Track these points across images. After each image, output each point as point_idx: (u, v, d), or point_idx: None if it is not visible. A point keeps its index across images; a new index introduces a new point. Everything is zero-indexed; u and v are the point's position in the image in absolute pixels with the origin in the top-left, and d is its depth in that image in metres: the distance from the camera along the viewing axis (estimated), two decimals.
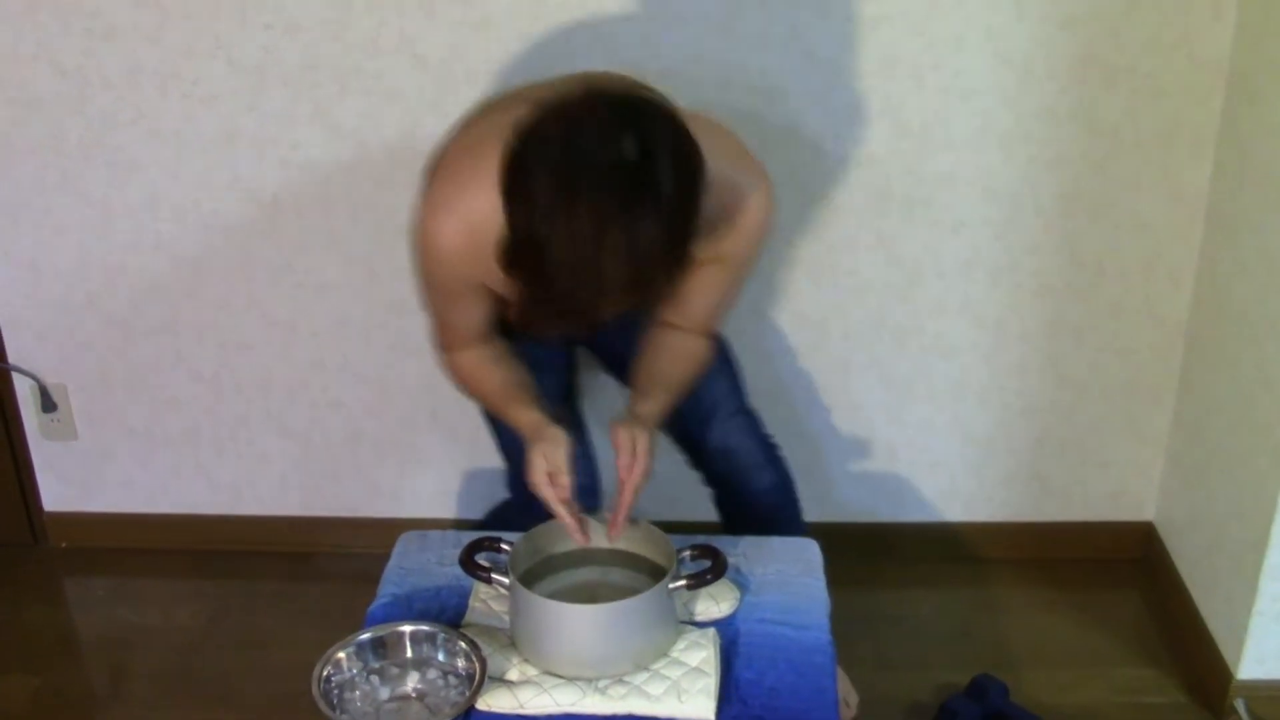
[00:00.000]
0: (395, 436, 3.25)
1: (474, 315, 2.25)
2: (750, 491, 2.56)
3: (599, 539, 2.22)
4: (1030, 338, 3.09)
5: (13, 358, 3.22)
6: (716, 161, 1.92)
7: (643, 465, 2.17)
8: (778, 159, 2.88)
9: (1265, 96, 2.62)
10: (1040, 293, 3.03)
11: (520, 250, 1.83)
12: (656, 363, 2.33)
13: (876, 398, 3.17)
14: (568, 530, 2.18)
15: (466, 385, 2.38)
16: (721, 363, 2.55)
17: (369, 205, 2.99)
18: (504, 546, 2.19)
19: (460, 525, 2.79)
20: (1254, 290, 2.68)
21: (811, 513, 2.83)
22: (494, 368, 2.31)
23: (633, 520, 2.21)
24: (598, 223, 1.75)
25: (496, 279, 1.98)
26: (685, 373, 2.36)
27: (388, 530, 2.57)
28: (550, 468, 2.15)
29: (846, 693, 2.81)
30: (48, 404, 3.26)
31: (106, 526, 3.43)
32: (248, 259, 3.07)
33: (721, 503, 2.69)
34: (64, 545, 3.48)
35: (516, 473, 2.44)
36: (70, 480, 3.39)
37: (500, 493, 2.68)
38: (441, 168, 2.17)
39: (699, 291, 2.26)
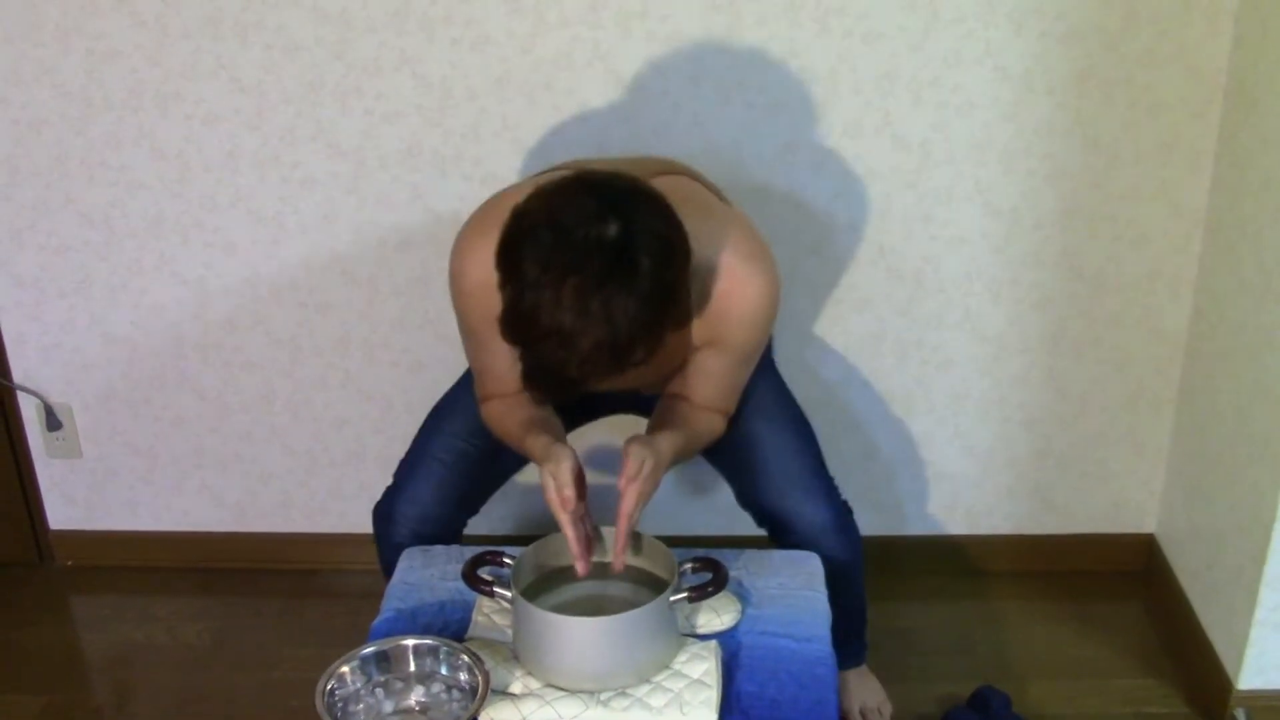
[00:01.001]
0: (399, 454, 3.23)
1: (503, 356, 2.27)
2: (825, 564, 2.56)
3: (600, 559, 2.23)
4: (1030, 351, 3.09)
5: (18, 377, 3.24)
6: (719, 248, 2.14)
7: (640, 488, 2.17)
8: (776, 175, 2.91)
9: (1263, 109, 2.63)
10: (1040, 306, 3.04)
11: (511, 320, 1.97)
12: (674, 417, 2.37)
13: (877, 412, 3.18)
14: (572, 555, 2.17)
15: (496, 427, 2.42)
16: (800, 428, 2.60)
17: (372, 223, 3.01)
18: (506, 560, 2.20)
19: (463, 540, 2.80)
20: (1253, 301, 2.69)
21: None
22: (519, 408, 2.35)
23: (635, 534, 2.22)
24: (577, 297, 1.90)
25: None
26: (698, 435, 2.40)
27: None
28: (557, 481, 2.16)
29: (881, 703, 2.85)
30: (53, 423, 3.27)
31: (112, 545, 3.43)
32: (251, 277, 3.09)
33: None
34: (69, 563, 3.48)
35: (444, 419, 2.59)
36: (75, 499, 3.40)
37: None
38: (481, 208, 2.33)
39: (703, 374, 2.35)
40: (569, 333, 1.91)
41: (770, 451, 2.55)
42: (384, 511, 2.57)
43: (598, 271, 1.90)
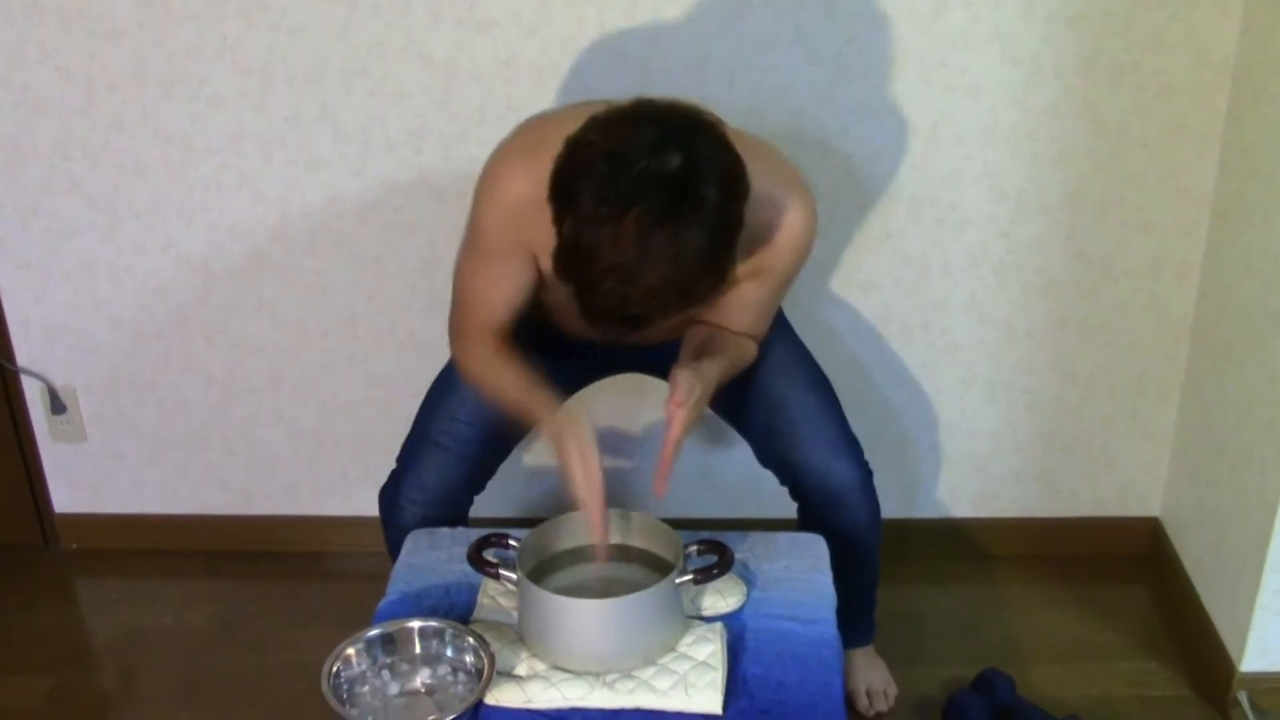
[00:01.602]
0: (405, 437, 3.25)
1: (506, 289, 2.28)
2: (840, 532, 2.55)
3: (616, 537, 2.24)
4: (1036, 335, 3.09)
5: (22, 360, 3.24)
6: (759, 178, 2.01)
7: (688, 414, 2.15)
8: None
9: (1271, 94, 2.63)
10: (1046, 290, 3.04)
11: (568, 256, 1.91)
12: (713, 344, 2.34)
13: (883, 395, 3.18)
14: (592, 526, 2.15)
15: (480, 379, 2.39)
16: (820, 390, 2.60)
17: (377, 205, 3.00)
18: (512, 543, 2.19)
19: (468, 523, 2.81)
20: (1259, 287, 2.68)
21: None
22: (510, 361, 2.32)
23: (640, 515, 2.22)
24: (641, 231, 1.84)
25: (544, 252, 2.04)
26: (736, 361, 2.38)
27: None
28: (580, 449, 2.13)
29: (886, 685, 2.86)
30: (57, 406, 3.27)
31: (117, 528, 3.44)
32: (256, 260, 3.08)
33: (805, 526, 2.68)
34: (75, 547, 3.49)
35: (444, 399, 2.56)
36: (80, 482, 3.40)
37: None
38: (521, 127, 2.25)
39: (739, 305, 2.33)
40: (632, 269, 1.85)
41: (798, 410, 2.54)
42: (389, 496, 2.58)
43: (660, 204, 1.84)
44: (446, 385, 2.59)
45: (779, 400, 2.54)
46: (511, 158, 2.19)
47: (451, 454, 2.54)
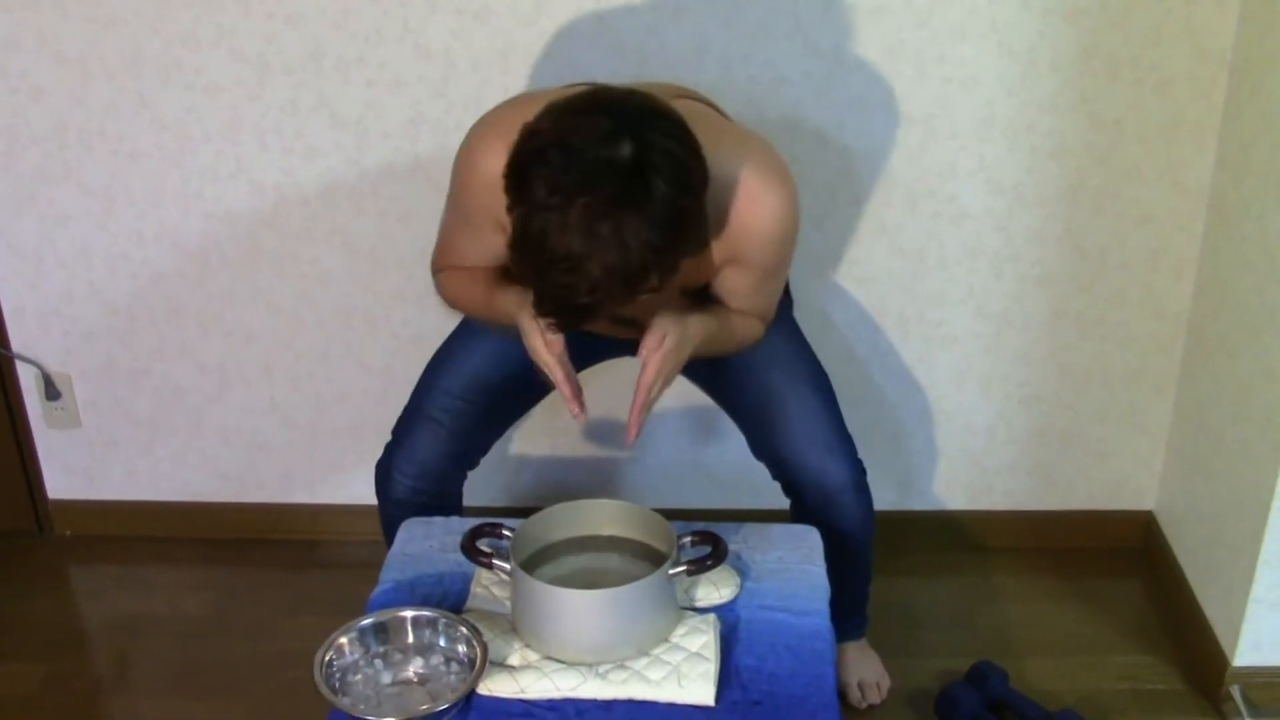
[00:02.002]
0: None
1: (480, 254, 2.30)
2: (833, 529, 2.55)
3: (610, 528, 2.25)
4: (1032, 328, 3.09)
5: (17, 346, 3.23)
6: (731, 167, 2.06)
7: (661, 362, 2.17)
8: (780, 150, 2.89)
9: (1268, 88, 2.63)
10: (1043, 283, 3.04)
11: (519, 243, 1.92)
12: (708, 306, 2.33)
13: (878, 388, 3.18)
14: (565, 398, 2.20)
15: (454, 296, 2.42)
16: (817, 385, 2.59)
17: (373, 194, 3.00)
18: (505, 533, 2.19)
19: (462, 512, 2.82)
20: (1255, 281, 2.68)
21: None
22: (484, 273, 2.33)
23: (634, 506, 2.22)
24: (588, 220, 1.85)
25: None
26: (733, 328, 2.37)
27: None
28: (542, 328, 2.15)
29: (879, 677, 2.86)
30: (52, 393, 3.27)
31: (111, 515, 3.43)
32: (251, 248, 3.08)
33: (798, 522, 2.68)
34: (68, 533, 3.49)
35: (439, 375, 2.57)
36: (74, 469, 3.40)
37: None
38: (510, 102, 2.29)
39: (727, 293, 2.32)
40: (578, 256, 1.86)
41: (793, 407, 2.54)
42: (383, 469, 2.60)
43: (609, 194, 1.85)
44: (441, 361, 2.60)
45: (776, 395, 2.54)
46: (491, 135, 2.18)
47: (445, 429, 2.55)
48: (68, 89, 2.93)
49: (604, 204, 1.85)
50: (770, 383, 2.54)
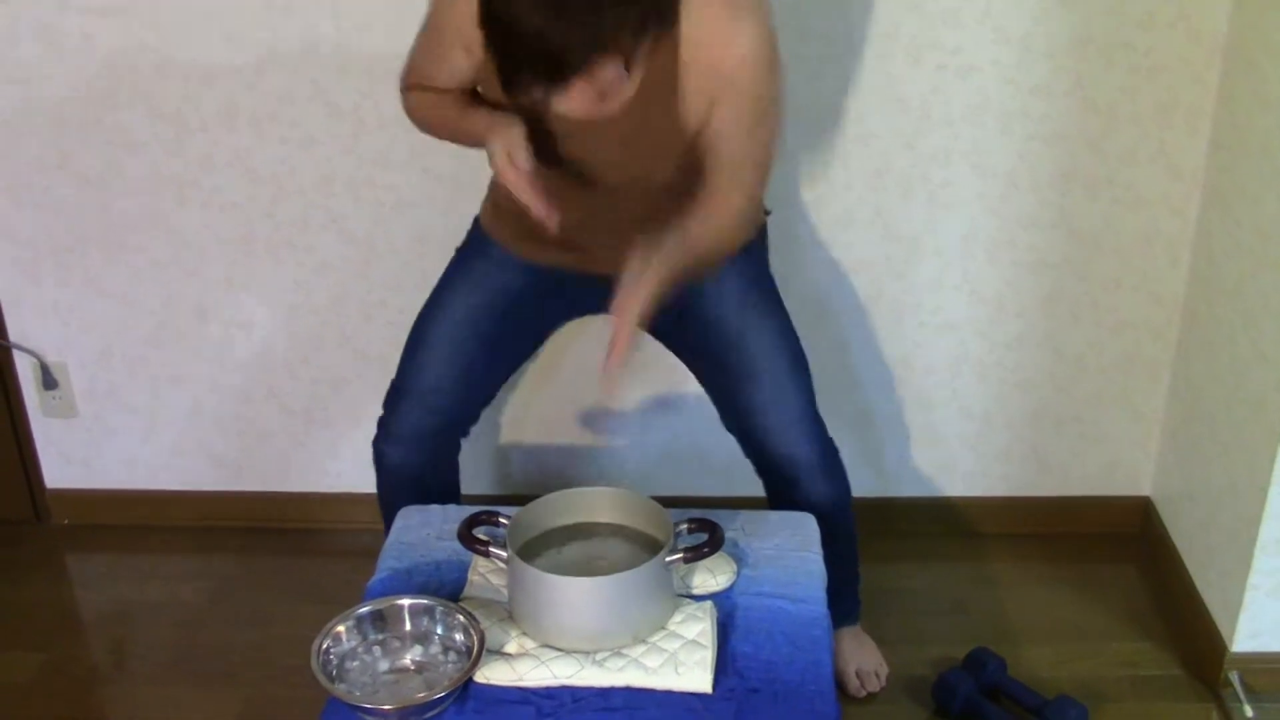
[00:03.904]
0: None
1: (447, 75, 2.31)
2: (808, 504, 2.56)
3: (607, 515, 2.26)
4: (1027, 313, 3.09)
5: (13, 335, 3.23)
6: None
7: (638, 295, 2.15)
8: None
9: (1262, 72, 2.62)
10: (1037, 268, 3.04)
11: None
12: (685, 219, 2.29)
13: (874, 373, 3.18)
14: (533, 210, 2.18)
15: (424, 115, 2.42)
16: (794, 365, 2.58)
17: (368, 183, 3.00)
18: (502, 520, 2.19)
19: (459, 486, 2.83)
20: (1250, 265, 2.69)
21: None
22: (449, 95, 2.35)
23: (630, 493, 2.23)
24: None
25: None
26: (714, 227, 2.31)
27: None
28: (507, 146, 2.16)
29: (877, 665, 2.86)
30: (49, 381, 3.27)
31: (108, 503, 3.44)
32: (248, 236, 3.08)
33: (774, 503, 2.69)
34: (66, 522, 3.49)
35: (418, 354, 2.60)
36: (72, 457, 3.40)
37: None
38: None
39: (722, 138, 2.23)
40: None
41: (766, 390, 2.54)
42: (376, 445, 2.65)
43: None
44: (418, 337, 2.61)
45: (747, 369, 2.54)
46: None
47: (425, 403, 2.58)
48: (64, 79, 2.93)
49: None
50: (741, 360, 2.54)
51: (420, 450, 2.61)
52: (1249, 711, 2.76)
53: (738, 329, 2.51)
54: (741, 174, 2.30)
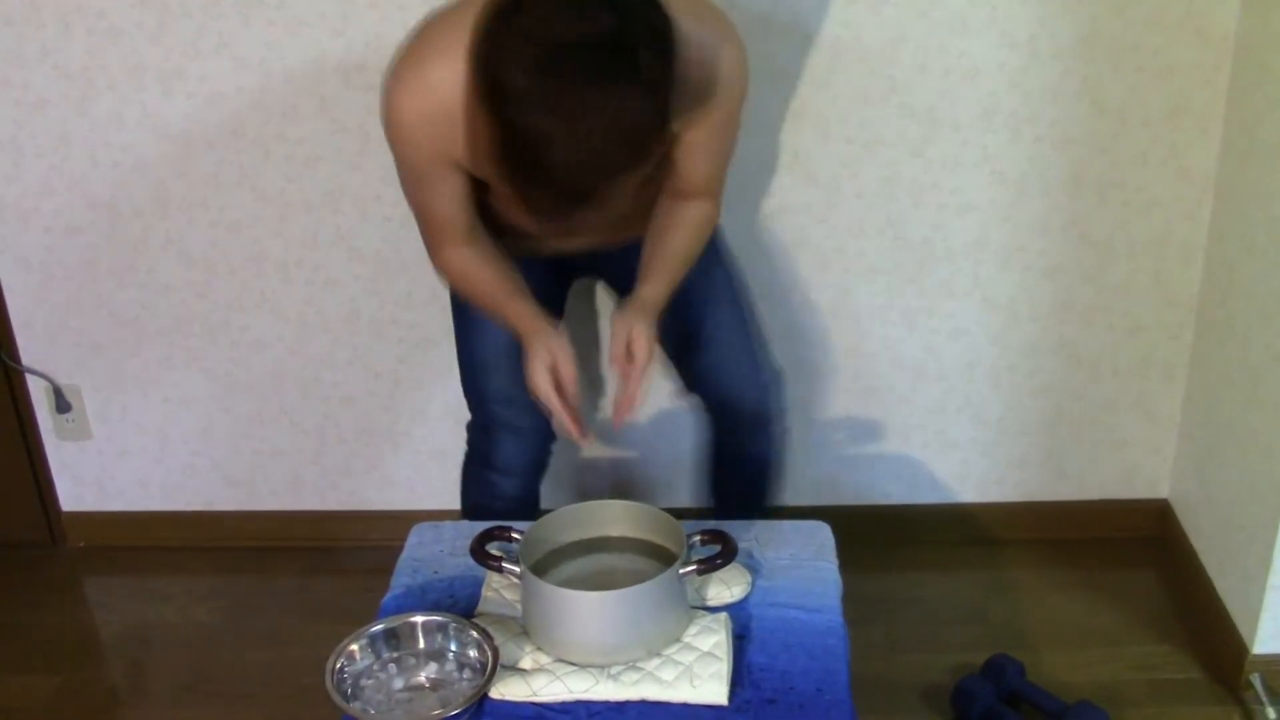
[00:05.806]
0: (407, 430, 3.25)
1: (451, 199, 2.26)
2: (745, 454, 2.58)
3: (620, 528, 2.25)
4: (1040, 318, 3.08)
5: (26, 360, 3.24)
6: (685, 22, 1.94)
7: (643, 353, 2.20)
8: (783, 141, 2.89)
9: (1272, 72, 2.61)
10: (1050, 273, 3.03)
11: (510, 145, 1.85)
12: (661, 236, 2.33)
13: (887, 381, 3.17)
14: (566, 429, 2.22)
15: (461, 285, 2.40)
16: (741, 311, 2.63)
17: (376, 200, 3.00)
18: (515, 536, 2.19)
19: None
20: (1263, 267, 2.67)
21: (824, 496, 2.82)
22: (487, 264, 2.33)
23: (643, 506, 2.22)
24: (582, 103, 1.78)
25: (468, 158, 2.08)
26: (689, 242, 2.37)
27: (402, 522, 2.57)
28: (553, 360, 2.17)
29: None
30: (62, 405, 3.27)
31: (123, 525, 3.44)
32: (257, 255, 3.08)
33: (712, 457, 2.79)
34: (81, 545, 3.49)
35: (482, 381, 2.58)
36: (86, 480, 3.40)
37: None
38: (402, 51, 2.15)
39: (690, 156, 2.27)
40: (581, 146, 1.79)
41: (712, 324, 2.59)
42: (476, 479, 2.71)
43: (600, 72, 1.77)
44: (473, 362, 2.61)
45: (702, 340, 2.59)
46: (396, 88, 2.11)
47: (514, 426, 2.62)
48: (70, 100, 2.94)
49: (596, 82, 1.78)
50: (695, 335, 2.58)
51: (533, 473, 2.69)
52: (1271, 714, 2.74)
53: (693, 289, 2.52)
54: (714, 182, 2.36)
